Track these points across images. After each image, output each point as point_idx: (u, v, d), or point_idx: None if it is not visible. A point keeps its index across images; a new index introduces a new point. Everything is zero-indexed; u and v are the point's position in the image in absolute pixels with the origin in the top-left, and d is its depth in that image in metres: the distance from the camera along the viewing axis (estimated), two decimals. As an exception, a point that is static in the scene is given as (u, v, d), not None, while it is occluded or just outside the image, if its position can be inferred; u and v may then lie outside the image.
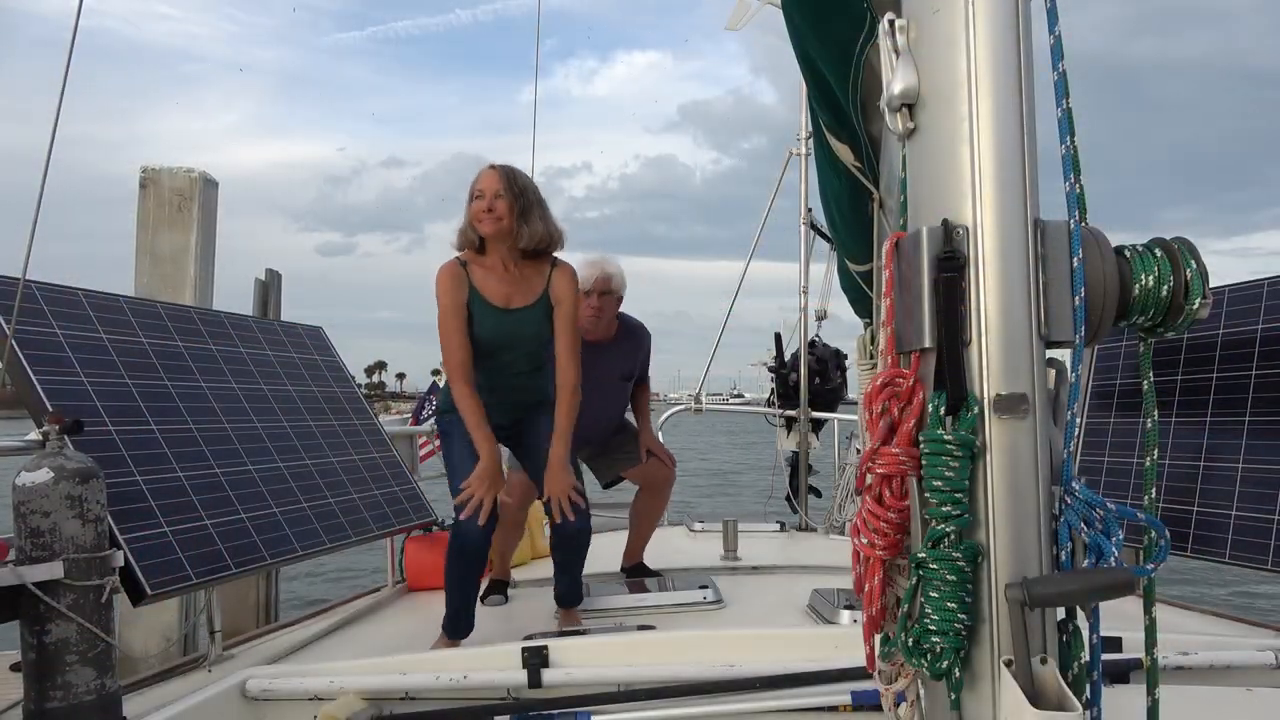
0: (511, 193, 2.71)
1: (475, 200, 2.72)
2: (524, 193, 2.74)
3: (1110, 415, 3.02)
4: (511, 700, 2.10)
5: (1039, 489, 0.95)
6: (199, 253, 5.84)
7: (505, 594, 3.49)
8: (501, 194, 2.70)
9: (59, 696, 1.77)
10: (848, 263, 3.10)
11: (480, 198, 2.71)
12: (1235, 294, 2.74)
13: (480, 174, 2.77)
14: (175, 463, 2.50)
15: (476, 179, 2.76)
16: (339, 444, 3.32)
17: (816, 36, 2.21)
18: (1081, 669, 0.96)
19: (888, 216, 2.44)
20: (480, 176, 2.76)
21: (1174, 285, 1.01)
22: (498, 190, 2.70)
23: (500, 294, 2.79)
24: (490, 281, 2.79)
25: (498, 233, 2.72)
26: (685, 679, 2.04)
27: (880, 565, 1.03)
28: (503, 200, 2.70)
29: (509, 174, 2.74)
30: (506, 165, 2.79)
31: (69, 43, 1.89)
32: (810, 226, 6.32)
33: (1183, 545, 2.57)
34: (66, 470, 1.81)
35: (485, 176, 2.74)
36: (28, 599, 1.76)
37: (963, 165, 0.97)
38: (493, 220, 2.69)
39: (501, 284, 2.79)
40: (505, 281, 2.79)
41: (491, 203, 2.69)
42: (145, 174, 5.86)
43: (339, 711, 2.01)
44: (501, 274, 2.79)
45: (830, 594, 2.93)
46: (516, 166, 2.82)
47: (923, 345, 0.98)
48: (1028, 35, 0.98)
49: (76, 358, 2.42)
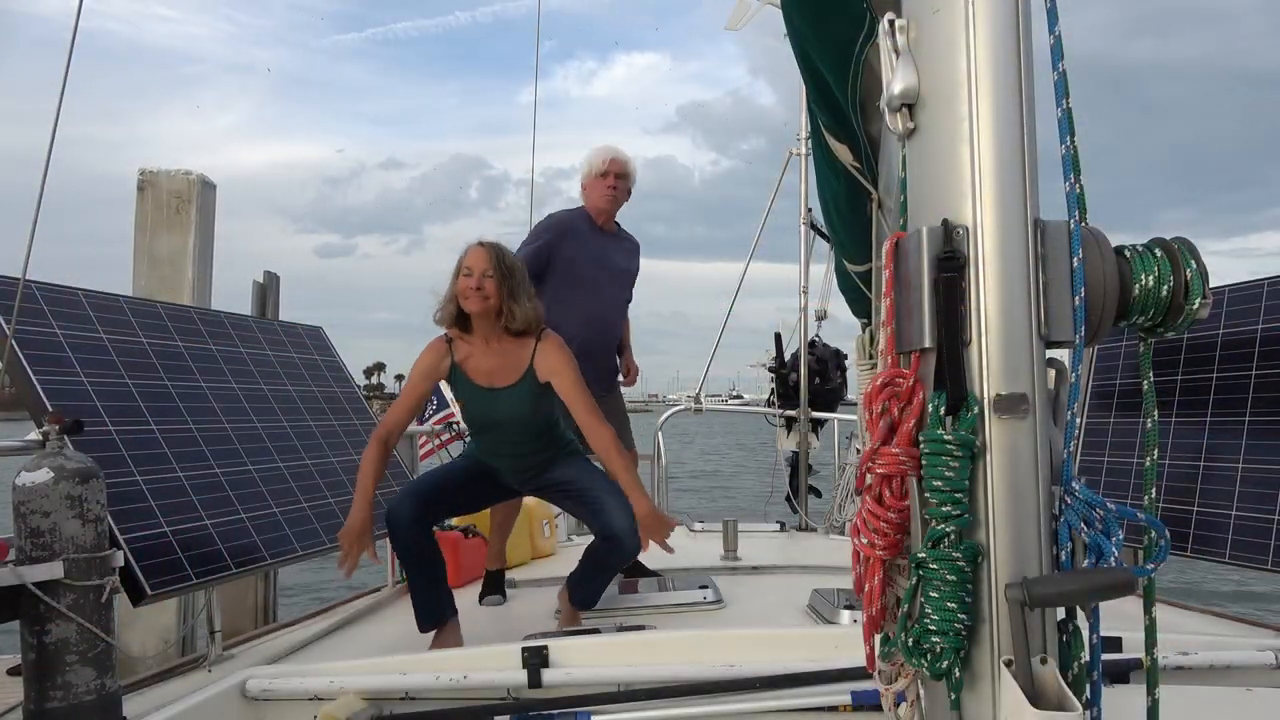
0: (500, 272, 2.69)
1: (463, 277, 2.70)
2: (512, 272, 2.73)
3: (1110, 415, 3.02)
4: (511, 700, 2.10)
5: (1039, 489, 0.95)
6: (197, 255, 5.85)
7: (504, 593, 3.47)
8: (490, 273, 2.68)
9: (59, 696, 1.77)
10: (846, 263, 3.10)
11: (468, 275, 2.68)
12: (1235, 294, 2.74)
13: (469, 250, 2.74)
14: (175, 463, 2.50)
15: (465, 255, 2.73)
16: (339, 444, 3.32)
17: (816, 36, 2.21)
18: (1081, 669, 0.96)
19: (887, 217, 2.44)
20: (469, 253, 2.73)
21: (1174, 285, 1.01)
22: (486, 269, 2.68)
23: (483, 372, 2.79)
24: (473, 358, 2.79)
25: (484, 311, 2.70)
26: (685, 679, 2.04)
27: (880, 565, 1.03)
28: (491, 280, 2.68)
29: (498, 253, 2.73)
30: (496, 243, 2.77)
31: (69, 43, 1.89)
32: (810, 226, 6.32)
33: (1183, 545, 2.57)
34: (66, 470, 1.81)
35: (474, 254, 2.71)
36: (28, 599, 1.76)
37: (963, 165, 0.97)
38: (480, 299, 2.68)
39: (484, 360, 2.79)
40: (488, 356, 2.78)
41: (480, 281, 2.67)
42: (143, 176, 5.86)
43: (339, 711, 2.01)
44: (484, 350, 2.79)
45: (830, 594, 2.93)
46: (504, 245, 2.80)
47: (923, 345, 0.98)
48: (1028, 35, 0.98)
49: (76, 358, 2.42)
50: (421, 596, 2.76)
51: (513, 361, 2.79)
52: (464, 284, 2.69)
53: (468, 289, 2.68)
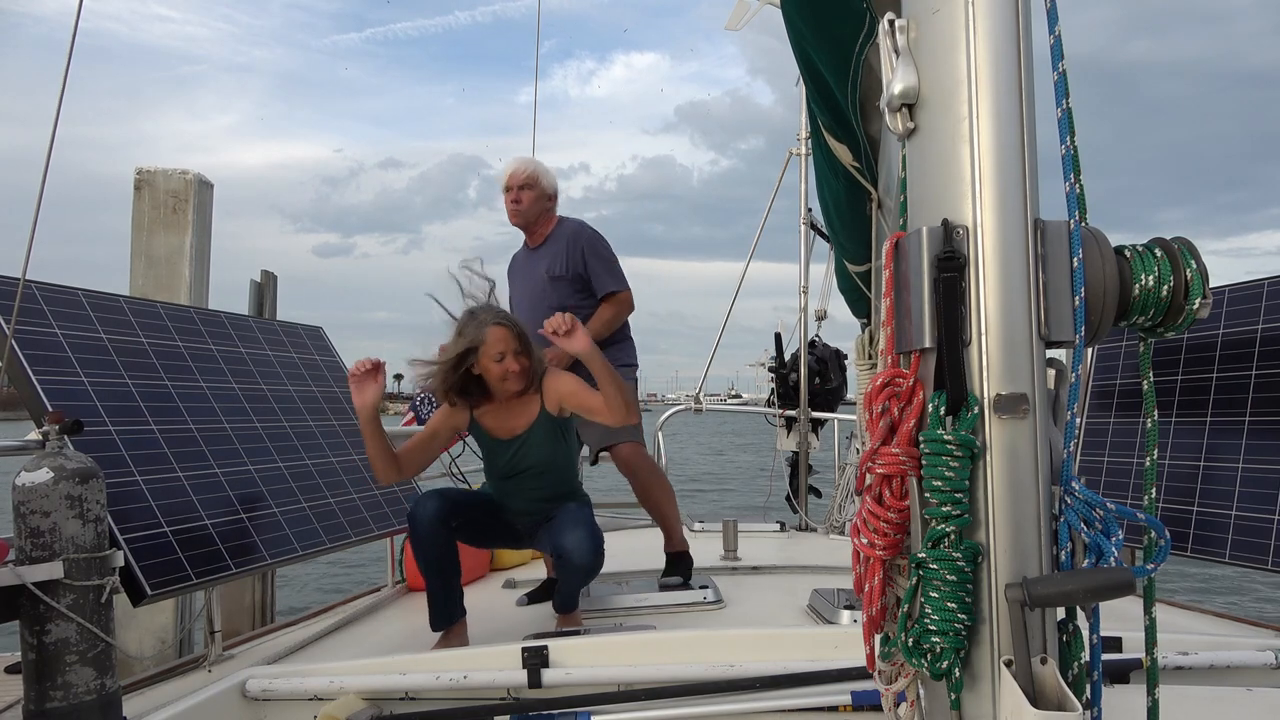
0: (526, 352, 2.73)
1: (495, 363, 2.69)
2: (528, 338, 2.77)
3: (1110, 415, 3.02)
4: (511, 700, 2.10)
5: (1039, 489, 0.95)
6: (194, 254, 5.85)
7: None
8: (520, 352, 2.72)
9: (59, 696, 1.77)
10: (846, 263, 3.10)
11: (500, 359, 2.69)
12: (1235, 294, 2.74)
13: (490, 331, 2.70)
14: (175, 463, 2.50)
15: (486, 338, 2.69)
16: (339, 444, 3.32)
17: (816, 37, 2.21)
18: (1081, 669, 0.96)
19: (887, 217, 2.44)
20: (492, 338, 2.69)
21: (1174, 285, 1.01)
22: (515, 349, 2.71)
23: (500, 424, 2.84)
24: (490, 414, 2.85)
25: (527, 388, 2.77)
26: (685, 679, 2.04)
27: (880, 565, 1.03)
28: (521, 359, 2.71)
29: (519, 332, 2.74)
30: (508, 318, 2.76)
31: (68, 43, 1.89)
32: (810, 226, 6.33)
33: (1183, 545, 2.57)
34: (66, 470, 1.81)
35: (499, 336, 2.69)
36: (28, 599, 1.76)
37: (963, 165, 0.97)
38: (520, 379, 2.72)
39: (500, 412, 2.84)
40: (502, 410, 2.84)
41: (513, 360, 2.70)
42: (140, 175, 5.86)
43: (339, 711, 2.01)
44: (498, 407, 2.84)
45: (830, 594, 2.93)
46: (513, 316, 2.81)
47: (923, 345, 0.98)
48: (1028, 35, 0.98)
49: (76, 358, 2.42)
50: (438, 596, 2.77)
51: (526, 409, 2.84)
52: (502, 369, 2.70)
53: (508, 373, 2.70)
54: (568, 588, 2.87)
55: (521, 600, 3.37)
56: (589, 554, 2.67)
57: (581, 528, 2.69)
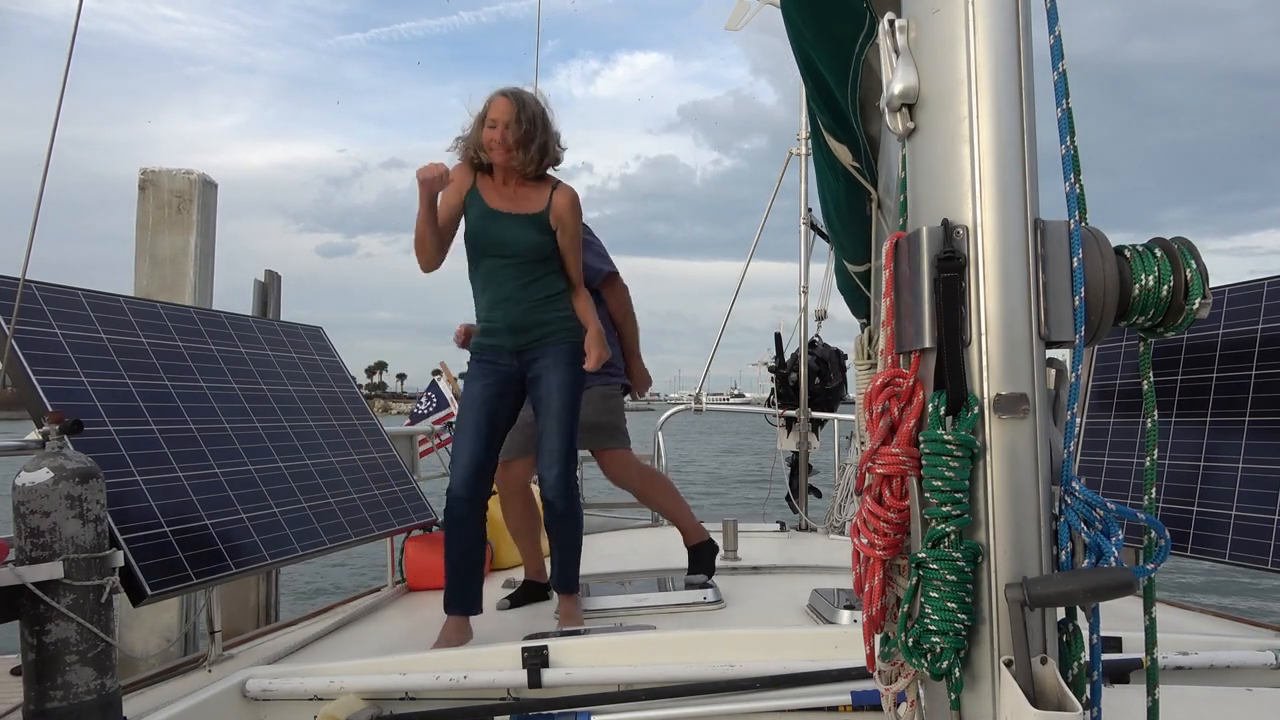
0: (519, 123, 2.76)
1: (488, 129, 2.77)
2: (533, 120, 2.79)
3: (1110, 415, 3.02)
4: (511, 700, 2.10)
5: (1039, 489, 0.95)
6: (198, 254, 5.85)
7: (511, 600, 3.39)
8: (512, 123, 2.75)
9: (59, 697, 1.77)
10: (846, 263, 3.10)
11: (493, 126, 2.76)
12: (1235, 294, 2.74)
13: (493, 101, 2.79)
14: (175, 463, 2.50)
15: (490, 105, 2.79)
16: (339, 444, 3.32)
17: (816, 37, 2.21)
18: (1081, 669, 0.96)
19: (887, 217, 2.44)
20: (493, 104, 2.78)
21: (1174, 285, 1.01)
22: (509, 120, 2.75)
23: (496, 196, 2.86)
24: (490, 187, 2.87)
25: (507, 162, 2.79)
26: (685, 679, 2.04)
27: (880, 565, 1.03)
28: (512, 130, 2.75)
29: (520, 101, 2.78)
30: (517, 92, 2.81)
31: (68, 44, 1.89)
32: (810, 226, 6.33)
33: (1183, 545, 2.57)
34: (66, 470, 1.81)
35: (499, 105, 2.77)
36: (28, 599, 1.76)
37: (963, 165, 0.97)
38: (504, 150, 2.76)
39: (502, 191, 2.86)
40: (506, 191, 2.86)
41: (504, 133, 2.75)
42: (144, 176, 5.86)
43: (339, 711, 2.01)
44: (502, 188, 2.86)
45: (830, 594, 2.93)
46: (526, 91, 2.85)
47: (923, 345, 0.98)
48: (1028, 35, 0.98)
49: (76, 358, 2.42)
50: (458, 579, 2.80)
51: (529, 201, 2.86)
52: (489, 136, 2.76)
53: (492, 141, 2.76)
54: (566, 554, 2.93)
55: (502, 604, 3.33)
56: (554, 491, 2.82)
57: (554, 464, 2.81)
